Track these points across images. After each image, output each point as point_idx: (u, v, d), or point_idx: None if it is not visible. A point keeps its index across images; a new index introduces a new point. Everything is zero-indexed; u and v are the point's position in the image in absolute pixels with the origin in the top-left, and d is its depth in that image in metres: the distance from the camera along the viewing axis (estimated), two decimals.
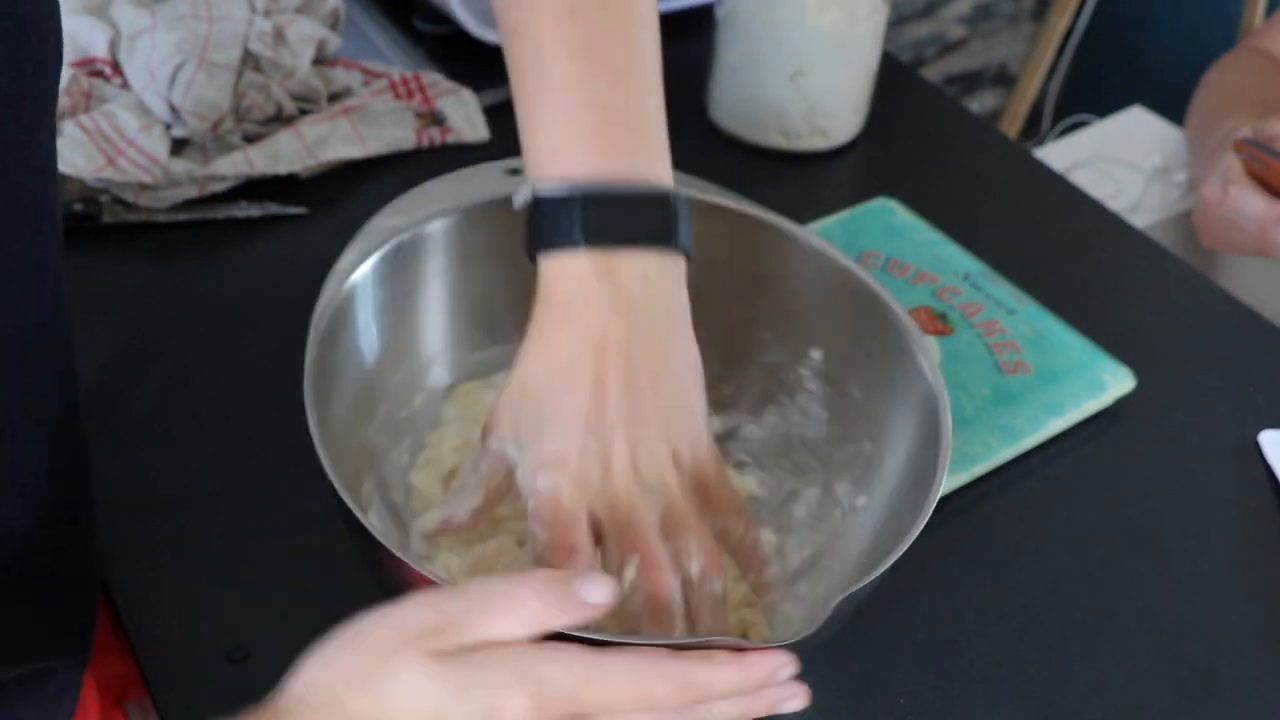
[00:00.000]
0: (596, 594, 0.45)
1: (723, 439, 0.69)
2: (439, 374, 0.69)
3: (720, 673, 0.46)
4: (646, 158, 0.56)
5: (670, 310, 0.56)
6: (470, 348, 0.70)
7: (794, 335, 0.67)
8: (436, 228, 0.65)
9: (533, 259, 0.56)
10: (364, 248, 0.63)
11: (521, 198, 0.55)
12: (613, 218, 0.53)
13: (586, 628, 0.45)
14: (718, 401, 0.68)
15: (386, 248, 0.63)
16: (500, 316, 0.68)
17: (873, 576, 0.51)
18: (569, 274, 0.54)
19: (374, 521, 0.52)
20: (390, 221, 0.65)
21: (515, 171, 0.67)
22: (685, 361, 0.56)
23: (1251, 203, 0.95)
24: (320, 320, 0.58)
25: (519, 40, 0.56)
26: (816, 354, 0.66)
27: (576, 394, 0.53)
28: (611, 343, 0.54)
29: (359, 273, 0.62)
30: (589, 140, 0.55)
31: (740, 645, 0.47)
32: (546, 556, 0.53)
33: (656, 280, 0.55)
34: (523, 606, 0.44)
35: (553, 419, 0.54)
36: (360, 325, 0.63)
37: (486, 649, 0.44)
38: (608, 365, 0.53)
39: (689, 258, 0.56)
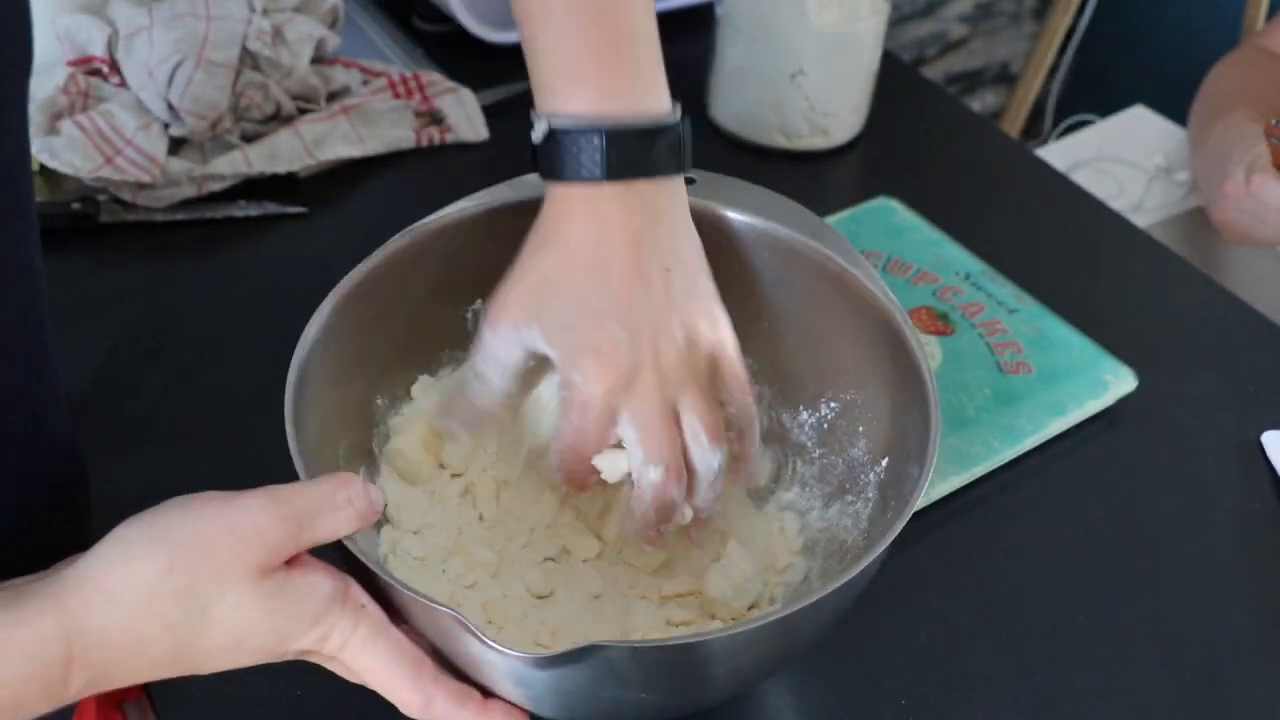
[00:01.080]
0: (379, 500, 0.52)
1: (788, 509, 0.69)
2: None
3: (458, 714, 0.51)
4: (649, 88, 0.59)
5: (677, 215, 0.60)
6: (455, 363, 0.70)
7: (878, 438, 0.66)
8: (444, 225, 0.65)
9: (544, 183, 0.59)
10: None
11: (539, 132, 0.58)
12: (629, 153, 0.57)
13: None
14: (801, 478, 0.69)
15: (391, 245, 0.63)
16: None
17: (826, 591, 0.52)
18: (582, 192, 0.58)
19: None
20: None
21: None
22: (694, 257, 0.60)
23: (1275, 192, 0.94)
24: (309, 331, 0.59)
25: None
26: (884, 462, 0.65)
27: (603, 286, 0.57)
28: (630, 239, 0.58)
29: (344, 285, 0.61)
30: (594, 72, 0.58)
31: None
32: (571, 446, 0.58)
33: (665, 194, 0.59)
34: (349, 507, 0.50)
35: (581, 310, 0.57)
36: (363, 324, 0.63)
37: (305, 571, 0.49)
38: (628, 259, 0.57)
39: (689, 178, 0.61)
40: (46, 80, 0.91)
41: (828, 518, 0.67)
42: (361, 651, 0.50)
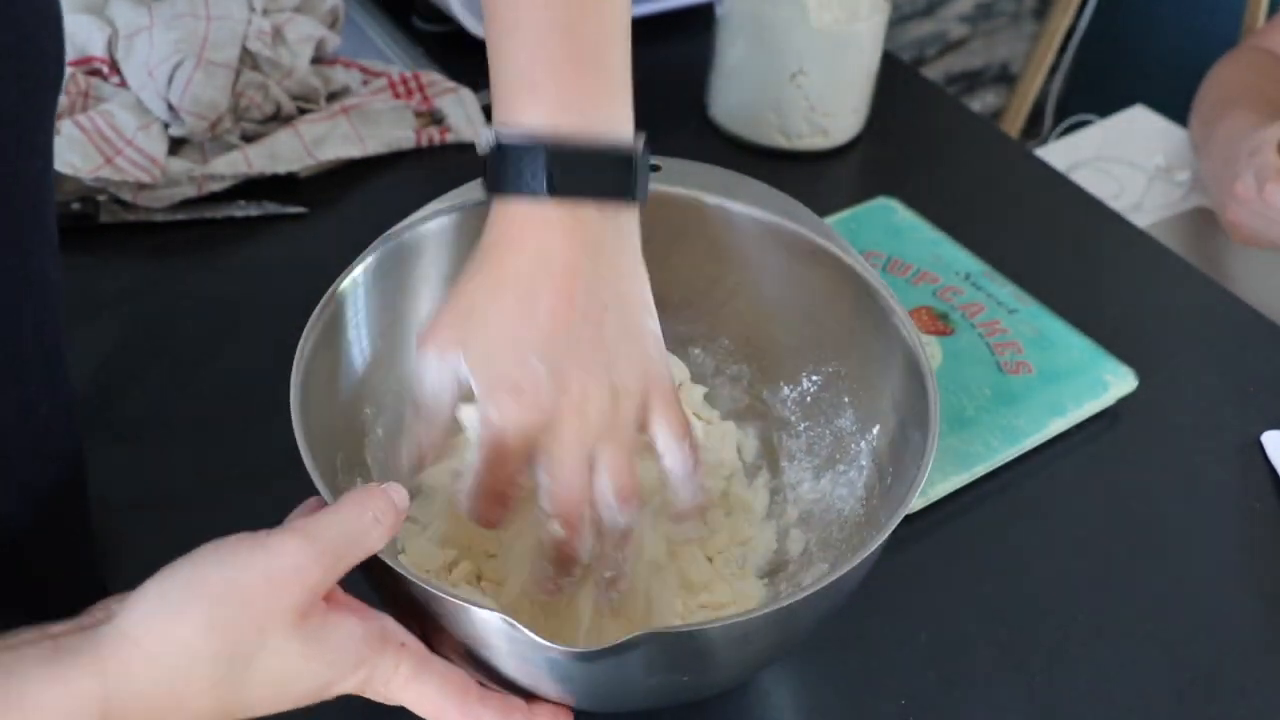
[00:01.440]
0: (403, 502, 0.52)
1: (776, 490, 0.70)
2: None
3: None
4: (609, 107, 0.56)
5: (623, 249, 0.56)
6: None
7: (866, 406, 0.66)
8: (432, 227, 0.65)
9: (489, 197, 0.56)
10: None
11: (485, 141, 0.55)
12: (574, 172, 0.54)
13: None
14: (788, 452, 0.69)
15: (380, 251, 0.63)
16: None
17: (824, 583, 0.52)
18: (525, 211, 0.55)
19: None
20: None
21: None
22: (637, 295, 0.57)
23: None
24: (312, 326, 0.59)
25: None
26: (875, 429, 0.65)
27: (530, 318, 0.54)
28: (566, 270, 0.54)
29: (350, 277, 0.61)
30: (553, 86, 0.55)
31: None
32: (483, 485, 0.55)
33: (611, 224, 0.56)
34: (379, 525, 0.50)
35: (505, 342, 0.54)
36: (352, 331, 0.63)
37: (342, 616, 0.49)
38: (561, 292, 0.54)
39: (642, 204, 0.57)
40: None
41: (820, 489, 0.67)
42: (405, 689, 0.50)
